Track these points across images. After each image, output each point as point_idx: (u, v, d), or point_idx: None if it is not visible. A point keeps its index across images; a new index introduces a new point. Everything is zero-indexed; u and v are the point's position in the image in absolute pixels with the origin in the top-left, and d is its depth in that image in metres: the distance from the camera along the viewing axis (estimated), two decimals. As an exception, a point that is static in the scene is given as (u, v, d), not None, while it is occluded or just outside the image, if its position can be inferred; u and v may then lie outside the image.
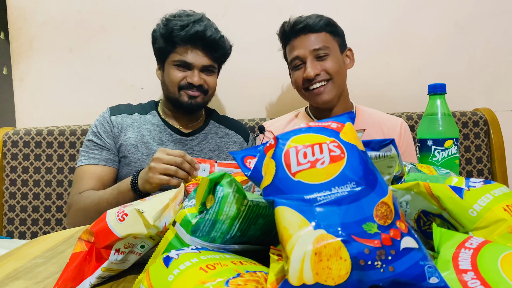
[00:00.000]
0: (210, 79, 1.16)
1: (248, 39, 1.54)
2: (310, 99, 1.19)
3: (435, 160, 0.67)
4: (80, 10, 1.53)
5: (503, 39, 1.53)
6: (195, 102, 1.14)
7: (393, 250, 0.32)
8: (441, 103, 0.69)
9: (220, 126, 1.29)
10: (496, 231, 0.41)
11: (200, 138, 1.23)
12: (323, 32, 1.14)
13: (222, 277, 0.35)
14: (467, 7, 1.53)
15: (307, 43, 1.13)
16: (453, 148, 0.67)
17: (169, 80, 1.13)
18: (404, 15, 1.54)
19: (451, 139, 0.68)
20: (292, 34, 1.16)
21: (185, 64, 1.11)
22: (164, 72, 1.17)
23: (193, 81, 1.11)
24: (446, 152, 0.67)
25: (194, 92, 1.13)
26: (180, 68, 1.12)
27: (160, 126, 1.20)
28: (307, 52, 1.13)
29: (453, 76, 1.54)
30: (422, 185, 0.45)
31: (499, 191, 0.46)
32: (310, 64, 1.13)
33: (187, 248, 0.43)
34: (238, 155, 0.45)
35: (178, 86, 1.12)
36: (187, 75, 1.12)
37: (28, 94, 1.56)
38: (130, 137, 1.14)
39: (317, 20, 1.13)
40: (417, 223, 0.47)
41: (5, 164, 1.41)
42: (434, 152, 0.67)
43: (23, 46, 1.55)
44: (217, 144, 1.25)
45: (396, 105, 1.53)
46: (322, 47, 1.13)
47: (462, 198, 0.43)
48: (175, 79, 1.12)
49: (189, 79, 1.12)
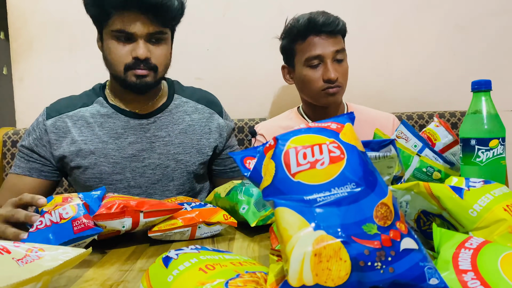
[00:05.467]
0: (159, 51, 0.95)
1: (248, 39, 1.54)
2: (320, 98, 1.17)
3: (479, 160, 0.64)
4: (80, 10, 1.53)
5: (503, 39, 1.53)
6: (144, 83, 0.94)
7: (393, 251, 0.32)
8: (485, 100, 0.65)
9: (188, 101, 1.09)
10: (496, 231, 0.41)
11: (164, 119, 1.04)
12: (340, 36, 1.16)
13: (222, 278, 0.35)
14: (467, 7, 1.53)
15: (329, 44, 1.13)
16: (499, 148, 0.64)
17: (112, 57, 0.94)
18: (404, 15, 1.54)
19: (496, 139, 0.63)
20: (312, 32, 1.13)
21: (125, 34, 0.91)
22: (104, 45, 0.96)
23: (138, 54, 0.91)
24: (490, 152, 0.63)
25: (142, 70, 0.93)
26: (120, 40, 0.92)
27: (111, 114, 1.01)
28: (329, 53, 1.13)
29: (453, 76, 1.54)
30: (422, 185, 0.45)
31: (499, 191, 0.46)
32: (331, 66, 1.13)
33: (186, 248, 0.43)
34: (238, 156, 0.45)
35: (124, 66, 0.93)
36: (131, 48, 0.92)
37: (28, 94, 1.56)
38: (77, 140, 0.98)
39: (341, 23, 1.15)
40: (417, 223, 0.47)
41: (5, 164, 1.41)
42: (477, 152, 0.64)
43: (23, 46, 1.55)
44: (187, 123, 1.05)
45: (396, 105, 1.53)
46: (341, 49, 1.15)
47: (462, 198, 0.43)
48: (118, 58, 0.92)
49: (134, 53, 0.91)
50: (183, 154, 1.04)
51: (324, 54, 1.13)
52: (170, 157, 1.02)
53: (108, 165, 0.98)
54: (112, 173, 0.99)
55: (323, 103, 1.19)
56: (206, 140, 1.07)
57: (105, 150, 0.98)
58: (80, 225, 0.59)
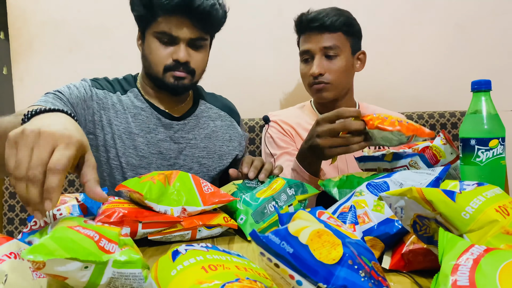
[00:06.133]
0: (198, 56, 0.98)
1: (248, 39, 1.54)
2: (312, 94, 1.21)
3: (479, 160, 0.64)
4: (80, 10, 1.53)
5: (503, 39, 1.53)
6: (181, 84, 0.97)
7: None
8: (485, 100, 0.65)
9: (212, 107, 1.13)
10: (489, 233, 0.41)
11: (192, 123, 1.06)
12: (339, 32, 1.15)
13: (220, 280, 0.35)
14: (467, 7, 1.53)
15: (319, 39, 1.13)
16: (499, 148, 0.63)
17: (152, 57, 0.96)
18: (404, 15, 1.54)
19: (496, 139, 0.63)
20: (307, 28, 1.15)
21: (169, 37, 0.94)
22: (145, 44, 0.98)
23: (179, 57, 0.93)
24: (490, 152, 0.63)
25: (181, 72, 0.95)
26: (163, 42, 0.95)
27: (145, 108, 1.01)
28: (317, 48, 1.13)
29: (453, 76, 1.54)
30: (415, 190, 0.45)
31: (491, 193, 0.46)
32: (317, 61, 1.13)
33: (197, 245, 0.43)
34: None
35: (164, 67, 0.95)
36: (172, 51, 0.95)
37: (28, 94, 1.56)
38: (113, 122, 0.97)
39: (334, 19, 1.12)
40: (413, 228, 0.47)
41: (5, 164, 1.41)
42: (477, 152, 0.64)
43: (23, 46, 1.55)
44: (211, 129, 1.09)
45: (396, 105, 1.53)
46: (333, 46, 1.13)
47: (455, 201, 0.43)
48: (159, 59, 0.95)
49: (175, 55, 0.94)
50: (207, 158, 1.06)
51: (312, 49, 1.14)
52: (195, 160, 1.05)
53: (136, 157, 0.99)
54: (139, 166, 0.99)
55: (316, 98, 1.21)
56: (227, 147, 1.10)
57: (135, 142, 0.98)
58: None
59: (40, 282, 0.40)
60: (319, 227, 0.38)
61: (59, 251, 0.35)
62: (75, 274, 0.36)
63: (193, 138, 1.05)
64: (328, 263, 0.34)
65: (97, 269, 0.37)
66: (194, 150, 1.05)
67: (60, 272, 0.36)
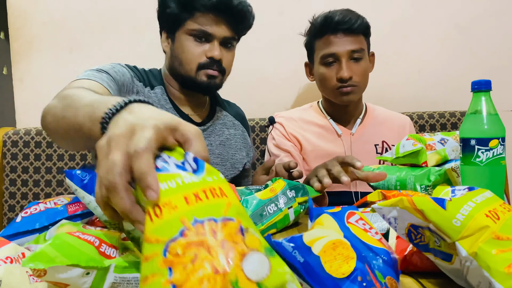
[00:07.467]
0: (229, 56, 0.98)
1: (248, 39, 1.53)
2: (336, 96, 1.18)
3: (479, 160, 0.64)
4: (80, 10, 1.53)
5: (503, 39, 1.52)
6: (213, 83, 0.96)
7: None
8: (485, 100, 0.65)
9: (227, 115, 1.13)
10: (480, 239, 0.41)
11: (209, 129, 1.05)
12: (361, 35, 1.15)
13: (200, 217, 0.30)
14: (467, 7, 1.52)
15: (346, 42, 1.12)
16: (499, 148, 0.63)
17: (185, 56, 0.94)
18: (404, 15, 1.54)
19: (496, 139, 0.63)
20: (329, 29, 1.13)
21: (204, 34, 0.93)
22: (175, 44, 0.96)
23: (214, 55, 0.92)
24: (490, 152, 0.63)
25: (214, 71, 0.95)
26: (198, 39, 0.94)
27: (170, 110, 0.98)
28: (344, 51, 1.12)
29: (453, 76, 1.54)
30: (406, 200, 0.45)
31: (481, 197, 0.46)
32: (345, 65, 1.12)
33: None
34: None
35: (198, 65, 0.93)
36: (207, 49, 0.94)
37: (28, 94, 1.56)
38: None
39: (359, 22, 1.13)
40: (409, 237, 0.47)
41: (5, 164, 1.41)
42: (477, 152, 0.64)
43: (23, 46, 1.55)
44: (226, 136, 1.08)
45: (396, 105, 1.53)
46: (359, 49, 1.13)
47: (445, 209, 0.43)
48: (193, 56, 0.93)
49: (209, 53, 0.93)
50: (220, 165, 1.05)
51: (339, 53, 1.12)
52: None
53: None
54: None
55: (338, 101, 1.19)
56: (239, 155, 1.10)
57: None
58: (75, 206, 0.58)
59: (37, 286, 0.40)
60: (337, 237, 0.37)
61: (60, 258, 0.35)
62: (76, 281, 0.36)
63: (209, 145, 1.04)
64: (337, 276, 0.34)
65: (98, 275, 0.37)
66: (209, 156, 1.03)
67: (61, 279, 0.35)
